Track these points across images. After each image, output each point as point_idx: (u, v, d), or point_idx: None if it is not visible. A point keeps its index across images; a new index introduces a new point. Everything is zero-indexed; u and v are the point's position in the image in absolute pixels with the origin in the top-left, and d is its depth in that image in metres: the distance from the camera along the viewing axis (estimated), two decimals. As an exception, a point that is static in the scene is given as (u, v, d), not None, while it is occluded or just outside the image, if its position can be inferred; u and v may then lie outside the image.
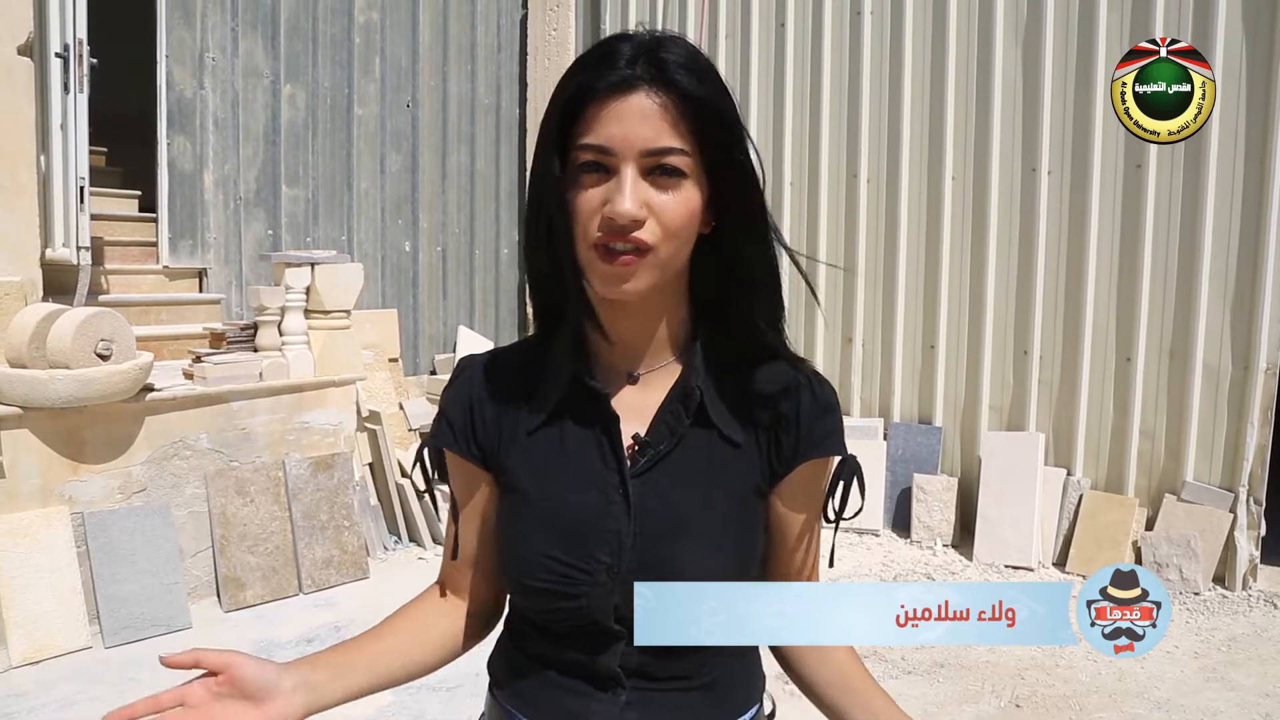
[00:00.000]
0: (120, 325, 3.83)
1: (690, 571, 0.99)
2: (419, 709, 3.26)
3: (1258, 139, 4.55)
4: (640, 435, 1.03)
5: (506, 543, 1.05)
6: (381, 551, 4.86)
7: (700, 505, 1.02)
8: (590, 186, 0.94)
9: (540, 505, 1.03)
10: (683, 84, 0.93)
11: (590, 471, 1.02)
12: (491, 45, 7.08)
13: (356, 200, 6.33)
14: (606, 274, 0.94)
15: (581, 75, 0.95)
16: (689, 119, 0.93)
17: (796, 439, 1.05)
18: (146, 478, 4.05)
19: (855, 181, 5.77)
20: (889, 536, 5.40)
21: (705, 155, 0.95)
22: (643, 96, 0.93)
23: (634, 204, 0.91)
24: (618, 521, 1.00)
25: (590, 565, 0.99)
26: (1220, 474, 4.72)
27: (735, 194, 0.99)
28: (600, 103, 0.93)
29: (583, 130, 0.94)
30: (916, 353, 5.62)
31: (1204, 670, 3.79)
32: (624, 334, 1.04)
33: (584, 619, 1.00)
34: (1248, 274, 4.61)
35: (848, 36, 5.77)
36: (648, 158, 0.92)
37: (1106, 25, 4.89)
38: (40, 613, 3.60)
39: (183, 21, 5.45)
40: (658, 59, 0.93)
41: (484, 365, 1.09)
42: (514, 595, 1.09)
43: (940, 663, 3.79)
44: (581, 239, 0.95)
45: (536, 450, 1.04)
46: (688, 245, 0.99)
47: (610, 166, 0.93)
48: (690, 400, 1.03)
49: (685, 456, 1.03)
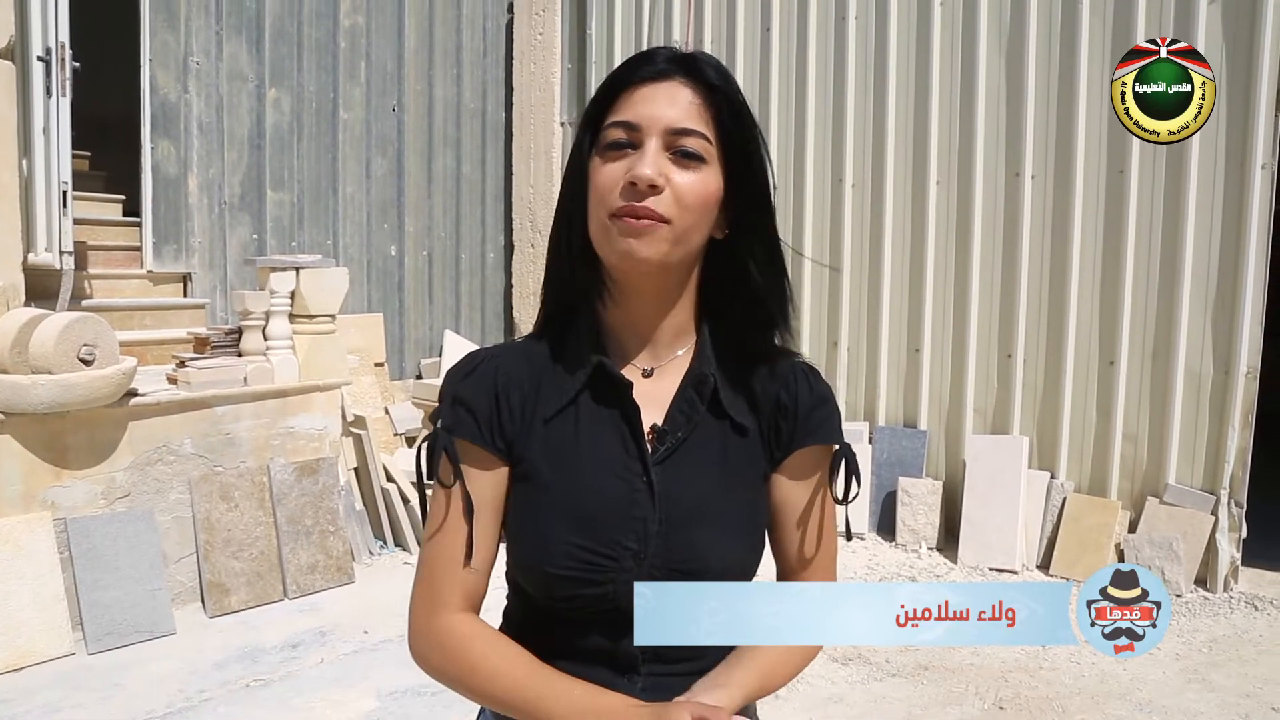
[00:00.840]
0: (103, 330, 3.81)
1: (713, 556, 1.03)
2: (404, 713, 3.25)
3: (1238, 143, 4.60)
4: (658, 424, 1.07)
5: (525, 531, 1.05)
6: (367, 556, 4.84)
7: (719, 491, 1.06)
8: (615, 161, 0.99)
9: (562, 493, 1.03)
10: (711, 79, 1.01)
11: (611, 460, 1.04)
12: (477, 49, 7.08)
13: (342, 205, 6.31)
14: (620, 230, 0.98)
15: (620, 71, 1.03)
16: (713, 111, 1.00)
17: (794, 426, 1.10)
18: (130, 483, 4.02)
19: (840, 186, 5.79)
20: (874, 540, 5.42)
21: (726, 149, 1.01)
22: (674, 84, 1.00)
23: (654, 169, 0.96)
24: (643, 509, 1.03)
25: (616, 552, 1.01)
26: (1202, 477, 4.76)
27: (751, 195, 1.04)
28: (634, 88, 1.01)
29: (614, 112, 1.01)
30: (901, 357, 5.65)
31: (1185, 671, 3.81)
32: (636, 322, 1.08)
33: (608, 605, 1.02)
34: (1229, 278, 4.66)
35: (833, 42, 5.79)
36: (671, 136, 0.98)
37: (1089, 31, 4.94)
38: (22, 619, 3.57)
39: (166, 25, 5.42)
40: (692, 60, 1.02)
41: (500, 357, 1.09)
42: (530, 585, 1.06)
43: (924, 665, 3.80)
44: (599, 209, 1.00)
45: (553, 438, 1.05)
46: (702, 230, 1.03)
47: (636, 142, 0.99)
48: (705, 388, 1.07)
49: (700, 444, 1.07)
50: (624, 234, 0.98)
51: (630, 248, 0.98)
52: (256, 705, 3.34)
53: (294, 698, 3.40)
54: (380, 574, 4.72)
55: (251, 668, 3.64)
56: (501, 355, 1.09)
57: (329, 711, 3.31)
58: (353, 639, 3.88)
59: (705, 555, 1.03)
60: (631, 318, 1.07)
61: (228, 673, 3.58)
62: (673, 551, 1.02)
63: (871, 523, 5.49)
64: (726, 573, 1.03)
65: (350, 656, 3.73)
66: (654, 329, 1.08)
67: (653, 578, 1.01)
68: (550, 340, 1.10)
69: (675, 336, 1.09)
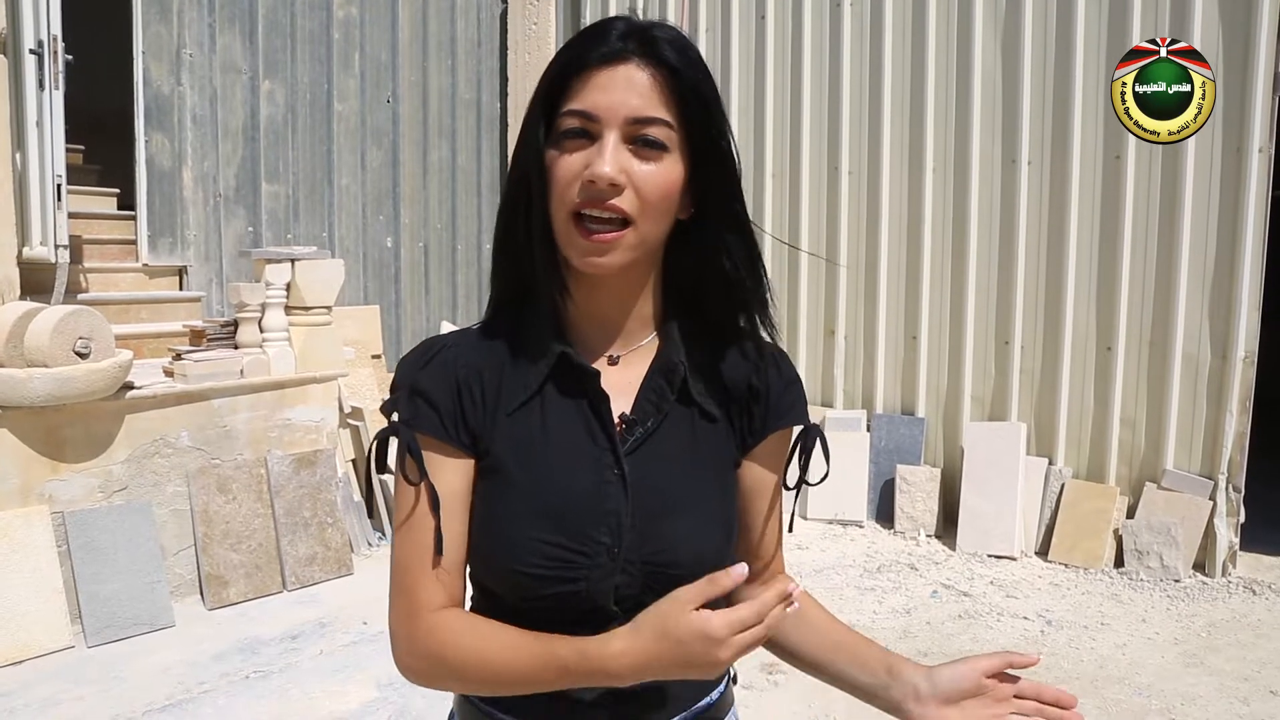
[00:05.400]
0: (99, 323, 3.80)
1: (686, 547, 1.00)
2: (403, 703, 3.26)
3: (1234, 130, 4.58)
4: (626, 414, 1.03)
5: (491, 529, 1.00)
6: (365, 548, 4.84)
7: (690, 481, 1.03)
8: (572, 152, 0.94)
9: (529, 488, 0.99)
10: (671, 60, 0.94)
11: (580, 452, 1.00)
12: (472, 40, 7.06)
13: (337, 196, 6.30)
14: (584, 248, 0.94)
15: (573, 49, 0.96)
16: (674, 94, 0.94)
17: (766, 410, 1.07)
18: (127, 476, 4.02)
19: (836, 173, 5.78)
20: (873, 527, 5.42)
21: (688, 133, 0.96)
22: (631, 68, 0.94)
23: (613, 167, 0.91)
24: (615, 502, 0.99)
25: (589, 547, 0.97)
26: (1200, 462, 4.77)
27: (717, 178, 0.99)
28: (588, 72, 0.94)
29: (569, 98, 0.95)
30: (899, 344, 5.64)
31: (1184, 656, 3.82)
32: (599, 310, 1.04)
33: (581, 602, 0.97)
34: (1225, 263, 4.65)
35: (828, 29, 5.77)
36: (631, 126, 0.93)
37: (1085, 16, 4.92)
38: (21, 612, 3.57)
39: (159, 17, 5.40)
40: (649, 36, 0.95)
41: (459, 345, 1.04)
42: (496, 584, 1.01)
43: (924, 652, 3.81)
44: (559, 206, 0.95)
45: (518, 432, 1.01)
46: (665, 223, 0.98)
47: (593, 133, 0.93)
48: (674, 376, 1.03)
49: (670, 433, 1.04)
50: (587, 252, 0.94)
51: (594, 261, 0.94)
52: (256, 696, 3.34)
53: (293, 689, 3.41)
54: (379, 565, 4.72)
55: (251, 659, 3.64)
56: (459, 343, 1.04)
57: (329, 702, 3.32)
58: (352, 630, 3.88)
59: (680, 547, 0.99)
60: (594, 305, 1.03)
61: (227, 664, 3.59)
62: (646, 544, 0.98)
63: (870, 510, 5.50)
64: (700, 563, 0.97)
65: (350, 647, 3.73)
66: (618, 315, 1.04)
67: (627, 572, 0.98)
68: (508, 327, 1.05)
69: (641, 322, 1.05)
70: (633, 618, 0.92)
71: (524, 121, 1.00)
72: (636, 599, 0.96)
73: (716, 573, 0.87)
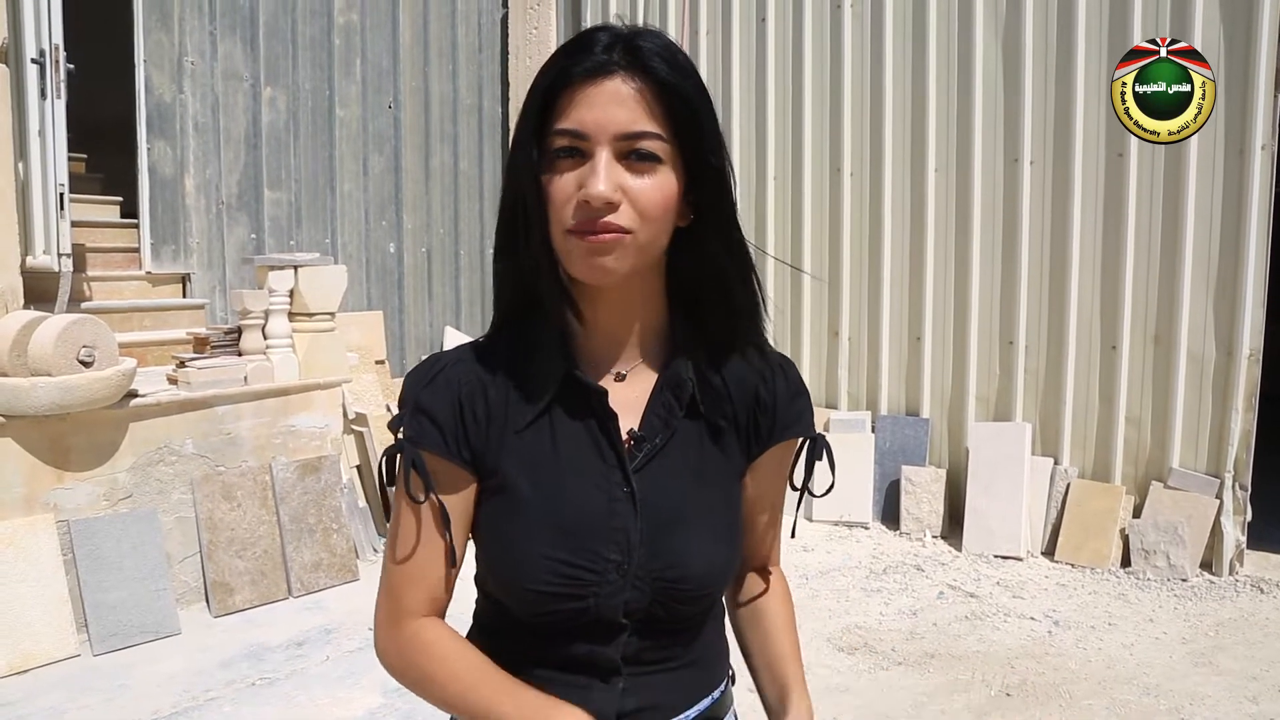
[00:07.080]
0: (102, 331, 3.81)
1: (696, 562, 1.01)
2: (409, 710, 3.25)
3: (1236, 127, 4.57)
4: (634, 430, 1.03)
5: (499, 547, 1.01)
6: (370, 553, 4.84)
7: (698, 496, 1.03)
8: (565, 172, 0.93)
9: (539, 506, 0.99)
10: (658, 71, 0.93)
11: (588, 469, 1.00)
12: (473, 45, 7.06)
13: (339, 202, 6.30)
14: (584, 250, 0.93)
15: (558, 63, 0.94)
16: (664, 105, 0.93)
17: (772, 421, 1.08)
18: (132, 484, 4.02)
19: (838, 175, 5.78)
20: (878, 529, 5.41)
21: (681, 143, 0.95)
22: (618, 82, 0.92)
23: (607, 185, 0.90)
24: (624, 519, 0.99)
25: (598, 565, 0.98)
26: (1206, 460, 4.75)
27: (712, 186, 0.98)
28: (575, 88, 0.92)
29: (558, 116, 0.93)
30: (903, 345, 5.63)
31: (1192, 655, 3.81)
32: (604, 326, 1.03)
33: (589, 617, 0.99)
34: (1230, 260, 4.64)
35: (829, 30, 5.77)
36: (622, 141, 0.92)
37: (1086, 15, 4.91)
38: (27, 621, 3.58)
39: (160, 25, 5.41)
40: (634, 46, 0.93)
41: (462, 362, 1.04)
42: (505, 598, 1.02)
43: (931, 653, 3.80)
44: (557, 226, 0.94)
45: (527, 449, 1.01)
46: (665, 232, 0.98)
47: (585, 151, 0.92)
48: (682, 392, 1.03)
49: (678, 448, 1.04)
50: (589, 253, 0.93)
51: (595, 265, 0.93)
52: (262, 704, 3.34)
53: (300, 695, 3.40)
54: (384, 571, 4.72)
55: (257, 666, 3.64)
56: (462, 361, 1.04)
57: (335, 709, 3.31)
58: (358, 636, 3.88)
59: (689, 562, 1.00)
60: (599, 321, 1.02)
61: (233, 672, 3.59)
62: (656, 560, 0.99)
63: (876, 512, 5.49)
64: (709, 578, 1.00)
65: (356, 654, 3.73)
66: (623, 330, 1.04)
67: (636, 589, 0.99)
68: (513, 343, 1.04)
69: (645, 336, 1.05)
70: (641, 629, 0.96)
71: (513, 140, 0.99)
72: (645, 611, 1.00)
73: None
